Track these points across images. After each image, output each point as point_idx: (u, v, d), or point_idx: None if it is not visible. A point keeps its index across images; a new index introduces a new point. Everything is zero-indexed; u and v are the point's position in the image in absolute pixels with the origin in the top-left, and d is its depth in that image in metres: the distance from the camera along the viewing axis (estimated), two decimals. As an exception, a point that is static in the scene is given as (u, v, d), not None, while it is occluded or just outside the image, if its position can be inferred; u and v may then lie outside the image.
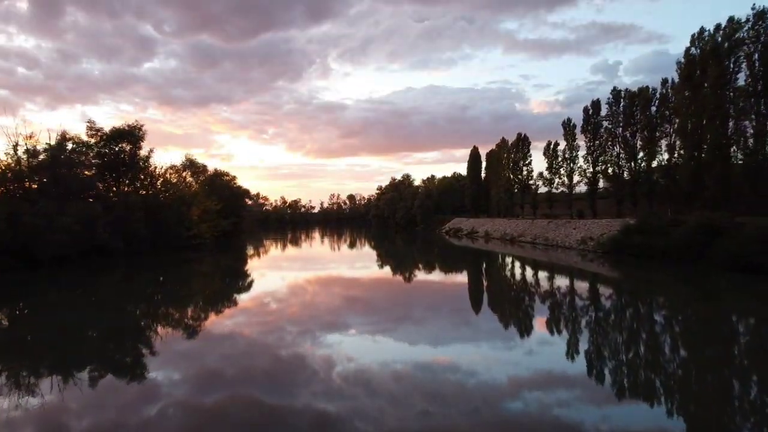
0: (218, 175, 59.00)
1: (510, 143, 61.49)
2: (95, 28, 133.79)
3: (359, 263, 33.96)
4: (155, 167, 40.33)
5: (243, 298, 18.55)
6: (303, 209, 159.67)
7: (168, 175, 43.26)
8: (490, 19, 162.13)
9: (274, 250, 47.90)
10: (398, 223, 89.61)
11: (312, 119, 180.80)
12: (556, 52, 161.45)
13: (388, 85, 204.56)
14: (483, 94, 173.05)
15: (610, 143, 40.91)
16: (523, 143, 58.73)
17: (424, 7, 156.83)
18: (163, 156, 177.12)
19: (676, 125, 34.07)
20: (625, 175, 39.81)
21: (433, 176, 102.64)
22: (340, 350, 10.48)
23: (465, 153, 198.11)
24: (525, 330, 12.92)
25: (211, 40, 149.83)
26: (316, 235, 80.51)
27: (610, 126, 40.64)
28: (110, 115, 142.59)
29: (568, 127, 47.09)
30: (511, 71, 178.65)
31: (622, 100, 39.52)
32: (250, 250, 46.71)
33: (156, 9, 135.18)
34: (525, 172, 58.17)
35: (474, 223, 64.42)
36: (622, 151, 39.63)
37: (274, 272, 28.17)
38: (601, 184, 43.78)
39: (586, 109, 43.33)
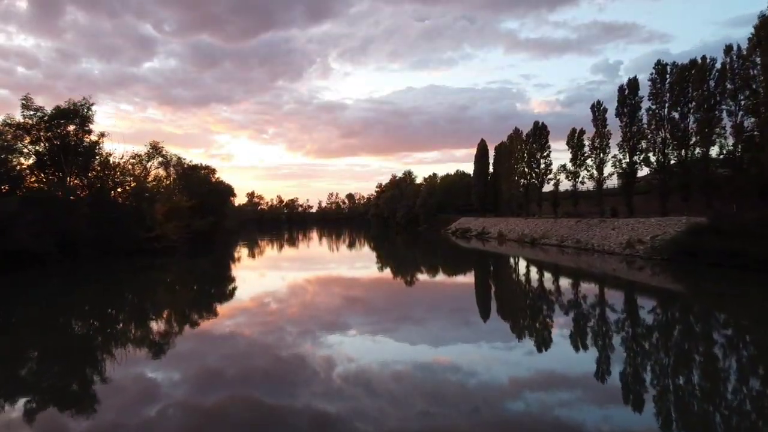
0: (194, 168, 51.76)
1: (525, 134, 54.97)
2: (95, 27, 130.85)
3: (359, 263, 31.80)
4: (110, 154, 33.58)
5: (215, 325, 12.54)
6: (300, 209, 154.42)
7: (129, 166, 36.61)
8: (490, 19, 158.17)
9: (264, 253, 42.06)
10: (399, 222, 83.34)
11: (312, 119, 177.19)
12: (557, 52, 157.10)
13: (389, 85, 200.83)
14: (483, 94, 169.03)
15: (653, 127, 34.15)
16: (541, 133, 52.08)
17: (425, 7, 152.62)
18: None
19: (744, 101, 27.58)
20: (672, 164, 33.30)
21: (435, 174, 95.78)
22: (341, 351, 9.95)
23: (465, 153, 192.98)
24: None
25: (211, 40, 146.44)
26: (314, 235, 75.83)
27: (654, 107, 33.86)
28: (110, 115, 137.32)
29: (598, 111, 40.34)
30: (511, 71, 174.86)
31: (668, 75, 32.96)
32: (234, 253, 40.74)
33: (156, 9, 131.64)
34: (543, 165, 51.51)
35: (484, 222, 57.98)
36: (668, 136, 33.03)
37: (259, 286, 21.78)
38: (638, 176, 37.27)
39: (621, 89, 36.69)
